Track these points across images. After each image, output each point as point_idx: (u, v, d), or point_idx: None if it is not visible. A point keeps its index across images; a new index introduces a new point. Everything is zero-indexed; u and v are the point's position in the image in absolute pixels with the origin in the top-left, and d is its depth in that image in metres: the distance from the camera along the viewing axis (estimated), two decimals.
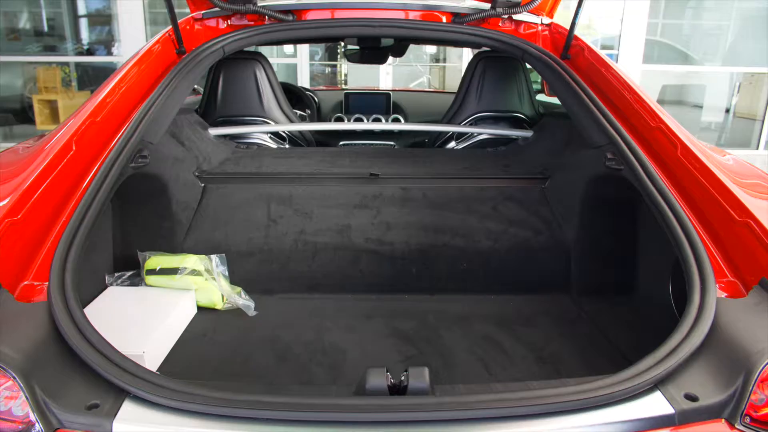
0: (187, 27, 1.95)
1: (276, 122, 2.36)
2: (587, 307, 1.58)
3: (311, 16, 2.04)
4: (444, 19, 2.05)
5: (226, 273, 1.63)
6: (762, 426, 0.84)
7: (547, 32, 2.08)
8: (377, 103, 3.15)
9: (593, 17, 6.57)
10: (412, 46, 3.06)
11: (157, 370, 1.25)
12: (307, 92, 3.21)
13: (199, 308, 1.58)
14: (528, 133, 2.27)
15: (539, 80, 2.90)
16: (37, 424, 0.81)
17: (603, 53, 1.80)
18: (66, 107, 6.00)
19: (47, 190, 1.19)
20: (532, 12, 2.03)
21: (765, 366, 0.86)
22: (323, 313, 1.55)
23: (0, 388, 0.82)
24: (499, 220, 1.73)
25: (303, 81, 6.52)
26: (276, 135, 2.44)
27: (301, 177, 1.86)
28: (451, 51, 8.08)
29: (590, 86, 1.70)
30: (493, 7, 1.98)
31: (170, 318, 1.41)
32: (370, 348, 1.38)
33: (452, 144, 2.50)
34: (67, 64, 6.54)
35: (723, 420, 0.85)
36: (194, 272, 1.55)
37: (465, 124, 2.38)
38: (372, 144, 2.97)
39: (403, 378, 0.91)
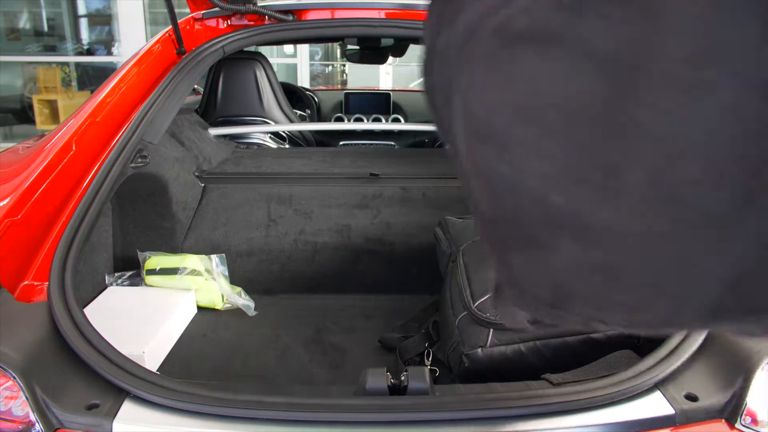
0: (187, 27, 1.95)
1: (276, 122, 2.36)
2: None
3: (311, 16, 2.04)
4: None
5: (226, 273, 1.63)
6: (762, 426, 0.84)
7: None
8: (377, 103, 3.15)
9: None
10: (412, 46, 3.06)
11: (157, 370, 1.25)
12: (307, 92, 3.22)
13: (199, 308, 1.58)
14: None
15: None
16: (37, 424, 0.81)
17: None
18: (66, 107, 6.00)
19: (47, 190, 1.19)
20: None
21: (765, 366, 0.86)
22: (323, 313, 1.55)
23: (0, 388, 0.82)
24: None
25: (303, 81, 6.52)
26: (276, 135, 2.44)
27: (301, 177, 1.86)
28: None
29: None
30: None
31: (170, 318, 1.41)
32: (370, 348, 1.39)
33: None
34: (67, 64, 6.54)
35: (723, 420, 0.85)
36: (194, 272, 1.55)
37: None
38: (372, 144, 2.97)
39: (403, 378, 0.91)
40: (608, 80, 0.40)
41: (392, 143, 3.00)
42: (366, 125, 2.77)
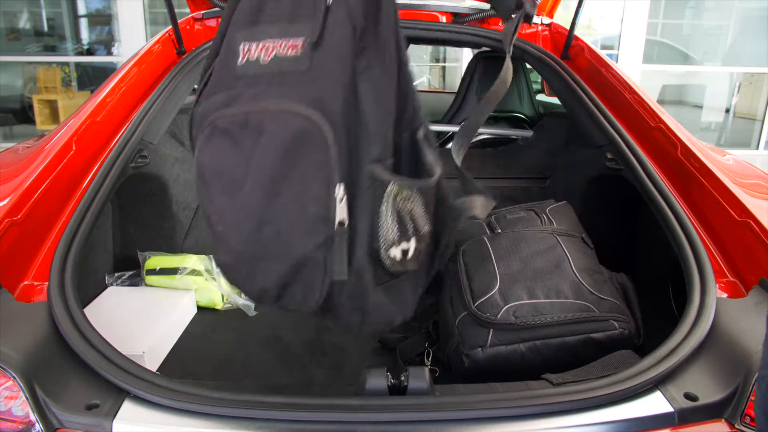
0: (187, 27, 1.95)
1: None
2: None
3: None
4: (444, 19, 2.05)
5: None
6: None
7: (547, 32, 2.08)
8: None
9: (593, 17, 6.57)
10: (412, 46, 3.05)
11: (157, 370, 1.25)
12: None
13: (199, 308, 1.58)
14: (528, 133, 2.26)
15: (539, 80, 2.90)
16: (37, 424, 0.81)
17: (603, 53, 1.80)
18: (66, 107, 5.98)
19: (47, 190, 1.19)
20: None
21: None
22: None
23: (0, 388, 0.82)
24: None
25: None
26: None
27: None
28: (451, 51, 8.08)
29: (590, 86, 1.70)
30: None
31: (170, 318, 1.41)
32: (370, 348, 1.39)
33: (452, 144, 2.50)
34: (67, 64, 6.53)
35: (723, 420, 0.85)
36: (194, 272, 1.55)
37: None
38: None
39: (403, 378, 0.91)
40: (244, 169, 0.83)
41: None
42: None
